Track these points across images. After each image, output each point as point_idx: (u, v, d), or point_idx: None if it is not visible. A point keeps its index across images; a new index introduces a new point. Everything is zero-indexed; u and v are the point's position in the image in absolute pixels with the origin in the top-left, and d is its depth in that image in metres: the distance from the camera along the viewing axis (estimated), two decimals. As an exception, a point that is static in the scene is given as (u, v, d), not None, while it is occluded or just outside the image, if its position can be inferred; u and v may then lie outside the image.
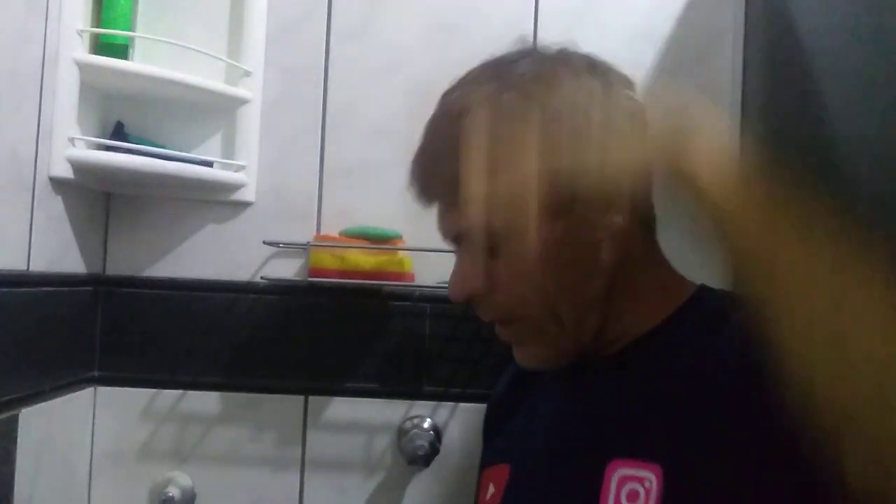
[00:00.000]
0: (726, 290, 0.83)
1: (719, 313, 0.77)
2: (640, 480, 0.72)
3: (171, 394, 1.32)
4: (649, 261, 0.84)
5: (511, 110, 0.77)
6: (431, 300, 1.32)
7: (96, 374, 1.31)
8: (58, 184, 1.14)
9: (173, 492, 1.27)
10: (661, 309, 0.82)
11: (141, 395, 1.32)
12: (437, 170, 0.81)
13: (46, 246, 1.13)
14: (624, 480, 0.73)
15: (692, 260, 1.22)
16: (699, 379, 0.72)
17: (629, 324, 0.82)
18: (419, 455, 1.27)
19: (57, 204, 1.16)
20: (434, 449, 1.28)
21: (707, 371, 0.72)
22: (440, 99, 0.84)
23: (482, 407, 1.24)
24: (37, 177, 1.09)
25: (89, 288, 1.28)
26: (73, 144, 1.13)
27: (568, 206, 0.77)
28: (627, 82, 0.84)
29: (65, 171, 1.13)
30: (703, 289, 0.84)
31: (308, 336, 1.33)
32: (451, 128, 0.79)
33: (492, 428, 1.04)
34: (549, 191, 0.76)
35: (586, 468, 0.76)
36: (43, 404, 1.14)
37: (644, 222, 0.84)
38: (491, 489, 0.90)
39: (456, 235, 0.82)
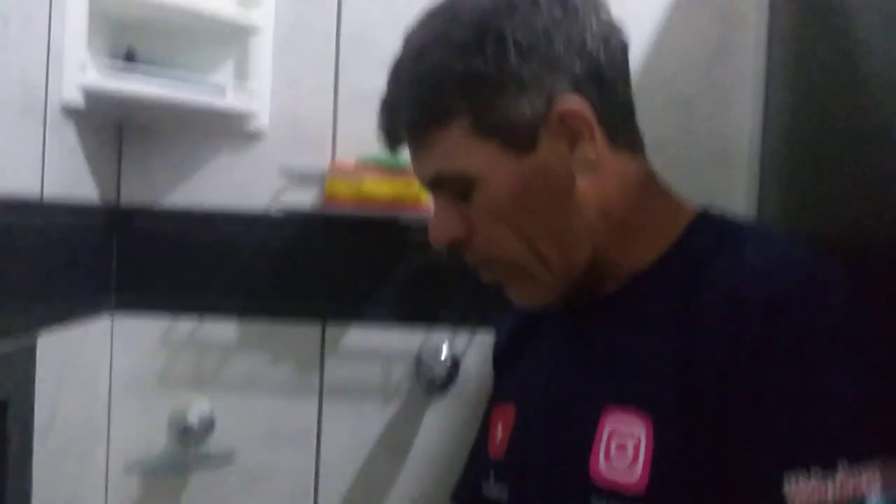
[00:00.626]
0: (729, 215, 0.80)
1: (723, 242, 0.75)
2: (629, 431, 0.71)
3: (187, 322, 1.33)
4: (639, 188, 0.80)
5: (465, 48, 0.74)
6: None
7: (113, 302, 1.31)
8: (69, 111, 1.13)
9: (192, 418, 1.29)
10: (659, 239, 0.79)
11: (158, 323, 1.32)
12: (399, 115, 0.79)
13: (59, 174, 1.12)
14: (614, 431, 0.73)
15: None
16: (697, 321, 0.70)
17: (625, 258, 0.79)
18: (437, 382, 1.28)
19: (69, 132, 1.14)
20: (451, 376, 1.29)
21: (706, 311, 0.70)
22: (403, 37, 0.81)
23: (500, 335, 1.24)
24: (48, 104, 1.07)
25: (104, 218, 1.27)
26: (83, 70, 1.11)
27: (533, 142, 0.75)
28: (597, 4, 0.79)
29: (76, 98, 1.11)
30: (703, 215, 0.81)
31: (324, 265, 1.32)
32: (409, 69, 0.78)
33: (501, 364, 1.03)
34: (511, 126, 0.74)
35: (582, 416, 0.76)
36: (60, 331, 1.14)
37: (628, 147, 0.80)
38: (499, 429, 0.91)
39: (428, 180, 0.80)
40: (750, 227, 0.80)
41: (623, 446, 0.71)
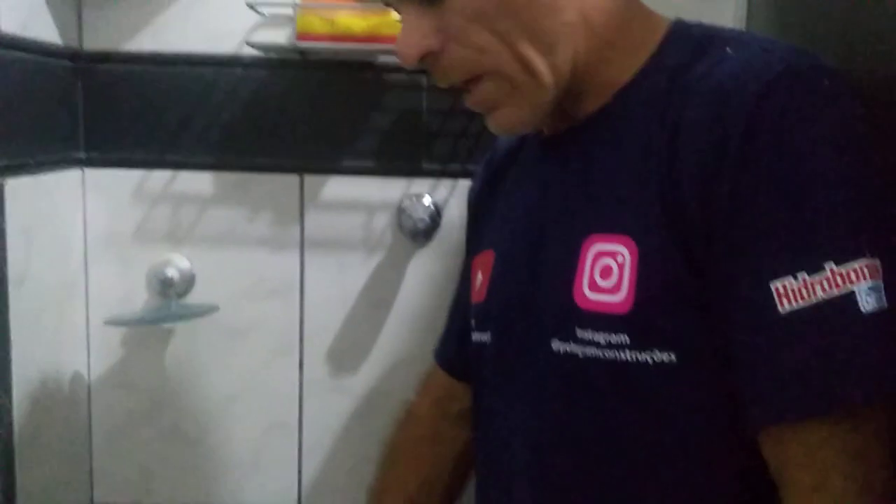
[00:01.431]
0: (706, 25, 0.76)
1: (701, 48, 0.71)
2: (613, 255, 0.69)
3: (162, 175, 1.28)
4: None
5: None
6: (429, 73, 1.25)
7: (83, 155, 1.27)
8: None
9: (172, 273, 1.26)
10: (636, 54, 0.74)
11: (131, 176, 1.28)
12: None
13: (15, 7, 1.06)
14: (599, 256, 0.70)
15: None
16: (680, 130, 0.66)
17: (602, 74, 0.75)
18: (420, 230, 1.25)
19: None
20: (434, 224, 1.26)
21: (689, 117, 0.66)
22: None
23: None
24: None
25: (67, 62, 1.21)
26: None
27: None
28: None
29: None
30: (679, 25, 0.76)
31: (300, 112, 1.27)
32: None
33: (475, 221, 1.00)
34: None
35: (565, 247, 0.73)
36: (28, 179, 1.10)
37: None
38: (479, 277, 0.88)
39: None
40: (728, 29, 0.75)
41: (608, 269, 0.69)
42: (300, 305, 1.32)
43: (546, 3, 0.71)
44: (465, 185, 1.27)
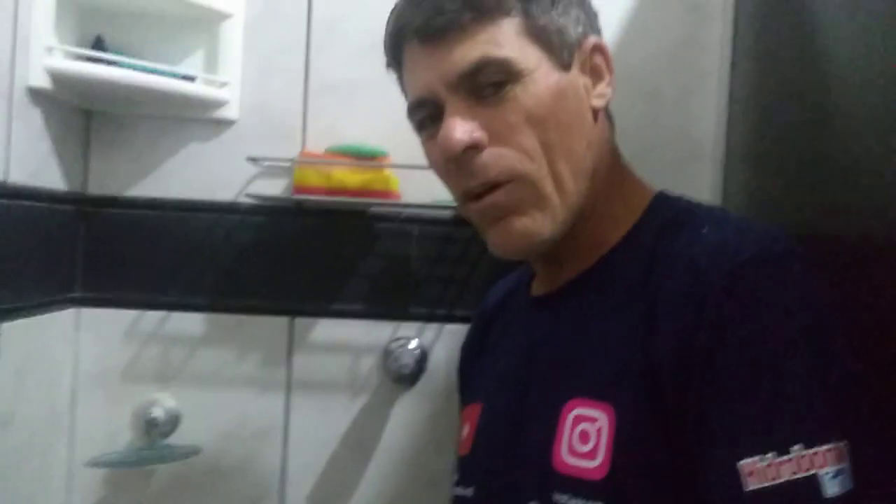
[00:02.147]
0: (687, 199, 0.81)
1: (681, 221, 0.76)
2: (592, 420, 0.71)
3: (154, 315, 1.31)
4: (617, 159, 0.83)
5: None
6: (418, 221, 1.31)
7: (78, 294, 1.29)
8: (36, 95, 1.12)
9: (158, 413, 1.27)
10: (626, 218, 0.80)
11: (124, 316, 1.30)
12: (444, 3, 0.74)
13: (25, 159, 1.11)
14: (578, 420, 0.72)
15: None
16: (658, 302, 0.70)
17: (594, 230, 0.80)
18: (405, 374, 1.27)
19: (35, 116, 1.13)
20: (420, 368, 1.28)
21: (667, 290, 0.70)
22: None
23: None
24: (14, 86, 1.07)
25: (71, 207, 1.26)
26: (50, 53, 1.10)
27: (569, 62, 0.77)
28: None
29: (43, 82, 1.10)
30: (662, 195, 0.82)
31: (293, 257, 1.31)
32: None
33: (465, 373, 1.04)
34: (558, 38, 0.76)
35: (546, 409, 0.76)
36: (23, 321, 1.12)
37: (609, 118, 0.84)
38: (466, 429, 0.90)
39: (465, 69, 0.74)
40: (707, 206, 0.81)
41: (586, 434, 0.71)
42: (283, 447, 1.32)
43: (585, 135, 0.77)
44: (451, 329, 1.31)
